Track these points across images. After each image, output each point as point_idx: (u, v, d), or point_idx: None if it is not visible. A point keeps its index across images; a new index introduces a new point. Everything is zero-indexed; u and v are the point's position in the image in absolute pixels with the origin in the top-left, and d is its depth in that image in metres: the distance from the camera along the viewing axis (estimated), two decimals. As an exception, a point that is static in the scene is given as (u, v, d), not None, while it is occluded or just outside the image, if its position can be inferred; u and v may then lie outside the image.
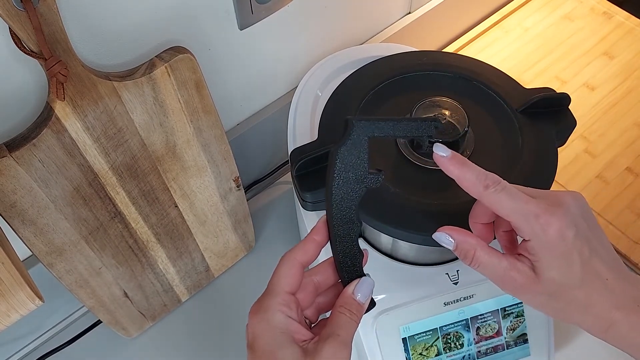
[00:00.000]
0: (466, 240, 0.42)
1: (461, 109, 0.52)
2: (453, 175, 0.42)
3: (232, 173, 0.62)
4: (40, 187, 0.48)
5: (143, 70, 0.49)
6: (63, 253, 0.53)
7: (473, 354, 0.57)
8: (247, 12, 0.58)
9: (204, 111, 0.55)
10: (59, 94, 0.44)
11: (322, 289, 0.43)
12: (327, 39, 0.71)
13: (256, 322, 0.39)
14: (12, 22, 0.40)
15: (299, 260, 0.41)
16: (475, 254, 0.41)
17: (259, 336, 0.39)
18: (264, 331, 0.39)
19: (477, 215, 0.44)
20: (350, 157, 0.39)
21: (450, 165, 0.41)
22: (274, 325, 0.38)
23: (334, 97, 0.58)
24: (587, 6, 0.93)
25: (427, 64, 0.59)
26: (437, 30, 0.87)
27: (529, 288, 0.41)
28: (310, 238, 0.41)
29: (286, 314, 0.39)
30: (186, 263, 0.66)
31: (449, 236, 0.42)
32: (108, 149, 0.51)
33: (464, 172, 0.41)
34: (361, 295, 0.41)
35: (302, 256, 0.41)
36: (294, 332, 0.39)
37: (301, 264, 0.41)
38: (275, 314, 0.39)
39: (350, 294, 0.41)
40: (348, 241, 0.41)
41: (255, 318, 0.39)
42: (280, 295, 0.39)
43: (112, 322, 0.64)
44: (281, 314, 0.39)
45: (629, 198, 0.74)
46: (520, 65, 0.87)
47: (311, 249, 0.41)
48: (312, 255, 0.41)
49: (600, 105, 0.82)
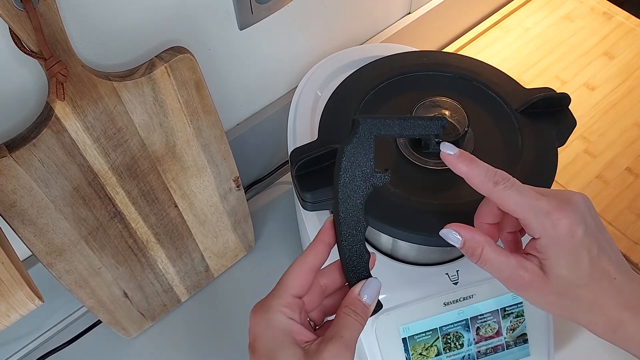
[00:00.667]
0: (474, 238, 0.41)
1: (461, 109, 0.52)
2: (461, 172, 0.41)
3: (232, 173, 0.62)
4: (40, 187, 0.48)
5: (143, 71, 0.49)
6: (63, 253, 0.53)
7: (473, 354, 0.57)
8: (247, 12, 0.58)
9: (203, 111, 0.55)
10: (59, 94, 0.44)
11: (329, 292, 0.42)
12: (327, 39, 0.71)
13: (257, 322, 0.39)
14: (12, 22, 0.40)
15: (309, 262, 0.40)
16: (482, 251, 0.41)
17: (260, 336, 0.38)
18: (264, 331, 0.38)
19: (482, 215, 0.44)
20: (357, 156, 0.40)
21: (459, 163, 0.41)
22: (274, 325, 0.38)
23: (334, 97, 0.58)
24: (587, 6, 0.93)
25: (427, 64, 0.59)
26: (437, 30, 0.87)
27: (537, 287, 0.40)
28: (319, 239, 0.41)
29: (287, 315, 0.38)
30: (186, 263, 0.66)
31: (457, 233, 0.42)
32: (108, 149, 0.51)
33: (473, 169, 0.41)
34: (367, 296, 0.40)
35: (312, 258, 0.40)
36: (295, 333, 0.38)
37: (311, 267, 0.40)
38: (276, 314, 0.38)
39: (356, 295, 0.40)
40: (355, 241, 0.41)
41: (256, 318, 0.39)
42: (284, 297, 0.39)
43: (112, 322, 0.64)
44: (282, 315, 0.38)
45: (629, 198, 0.74)
46: (520, 65, 0.87)
47: (320, 250, 0.41)
48: (322, 257, 0.41)
49: (600, 105, 0.82)
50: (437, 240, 0.48)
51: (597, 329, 0.41)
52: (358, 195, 0.40)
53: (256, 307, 0.40)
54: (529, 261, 0.41)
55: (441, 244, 0.43)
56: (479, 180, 0.41)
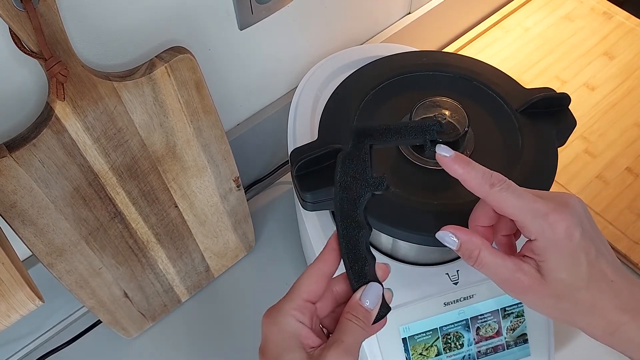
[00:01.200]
0: (471, 240, 0.41)
1: (461, 109, 0.52)
2: (457, 175, 0.41)
3: (232, 173, 0.62)
4: (40, 188, 0.48)
5: (143, 71, 0.49)
6: (63, 253, 0.53)
7: (473, 354, 0.57)
8: (247, 12, 0.58)
9: (204, 111, 0.55)
10: (59, 94, 0.44)
11: (341, 300, 0.42)
12: (327, 39, 0.71)
13: (268, 324, 0.39)
14: (12, 22, 0.40)
15: (321, 269, 0.40)
16: (479, 254, 0.41)
17: (269, 339, 0.38)
18: (275, 334, 0.38)
19: (477, 218, 0.44)
20: (354, 164, 0.40)
21: (455, 165, 0.41)
22: (283, 328, 0.38)
23: (334, 97, 0.58)
24: (587, 6, 0.93)
25: (427, 64, 0.59)
26: (437, 30, 0.87)
27: (535, 290, 0.40)
28: (328, 247, 0.41)
29: (297, 319, 0.38)
30: (186, 263, 0.66)
31: (453, 235, 0.42)
32: (108, 149, 0.51)
33: (469, 171, 0.41)
34: (369, 301, 0.40)
35: (322, 265, 0.40)
36: (303, 337, 0.38)
37: (324, 273, 0.40)
38: (286, 317, 0.38)
39: (357, 300, 0.40)
40: (356, 246, 0.41)
41: (268, 321, 0.39)
42: (296, 300, 0.39)
43: (112, 322, 0.64)
44: (292, 318, 0.38)
45: (629, 198, 0.74)
46: (520, 65, 0.87)
47: (330, 258, 0.41)
48: (333, 264, 0.41)
49: (600, 105, 0.82)
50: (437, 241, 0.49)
51: (595, 332, 0.41)
52: (356, 201, 0.40)
53: (269, 310, 0.40)
54: (526, 264, 0.40)
55: (441, 244, 0.43)
56: (475, 183, 0.41)
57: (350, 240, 0.41)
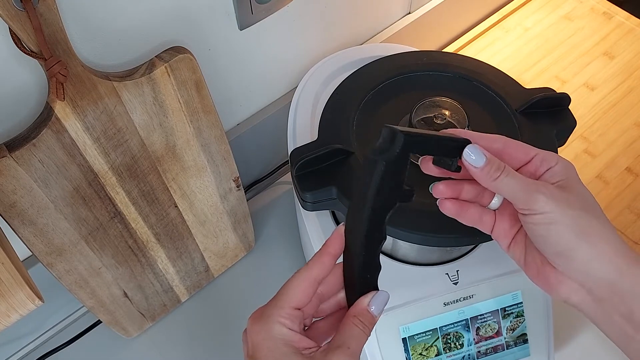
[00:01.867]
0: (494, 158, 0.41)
1: (461, 109, 0.52)
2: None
3: (232, 173, 0.62)
4: (40, 187, 0.48)
5: (143, 71, 0.49)
6: (63, 253, 0.53)
7: (473, 354, 0.57)
8: (247, 12, 0.58)
9: (203, 111, 0.55)
10: (59, 94, 0.44)
11: (325, 299, 0.42)
12: (327, 39, 0.71)
13: (256, 331, 0.38)
14: (12, 22, 0.40)
15: (314, 274, 0.40)
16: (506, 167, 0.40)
17: (260, 346, 0.38)
18: (265, 341, 0.38)
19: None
20: (395, 173, 0.39)
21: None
22: (274, 336, 0.38)
23: (334, 97, 0.58)
24: (587, 6, 0.93)
25: (427, 64, 0.59)
26: (437, 30, 0.87)
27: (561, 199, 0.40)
28: (325, 251, 0.40)
29: (287, 326, 0.38)
30: (186, 263, 0.66)
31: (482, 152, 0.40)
32: (108, 149, 0.51)
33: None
34: (375, 308, 0.40)
35: (317, 270, 0.40)
36: (296, 343, 0.38)
37: (316, 279, 0.40)
38: (276, 325, 0.38)
39: (365, 306, 0.40)
40: (372, 253, 0.40)
41: (256, 327, 0.39)
42: (285, 308, 0.39)
43: (112, 322, 0.64)
44: (281, 326, 0.38)
45: (629, 198, 0.74)
46: (520, 65, 0.87)
47: (327, 262, 0.40)
48: (328, 269, 0.40)
49: (600, 105, 0.82)
50: (437, 240, 0.48)
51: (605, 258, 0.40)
52: (385, 209, 0.39)
53: (255, 315, 0.39)
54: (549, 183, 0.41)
55: (441, 244, 0.43)
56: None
57: (371, 248, 0.40)
